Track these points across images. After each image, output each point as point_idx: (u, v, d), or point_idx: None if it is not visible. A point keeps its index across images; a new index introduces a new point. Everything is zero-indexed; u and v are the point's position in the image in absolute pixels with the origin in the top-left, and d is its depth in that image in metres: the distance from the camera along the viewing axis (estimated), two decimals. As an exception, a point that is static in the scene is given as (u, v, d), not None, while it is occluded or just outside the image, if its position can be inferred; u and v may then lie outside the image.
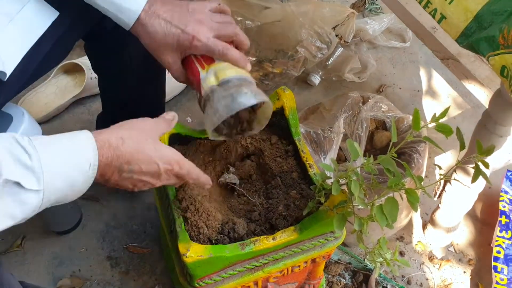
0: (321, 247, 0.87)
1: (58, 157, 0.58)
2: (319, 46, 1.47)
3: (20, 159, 0.55)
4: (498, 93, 0.93)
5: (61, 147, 0.59)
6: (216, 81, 0.75)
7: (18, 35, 0.77)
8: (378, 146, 1.26)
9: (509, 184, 1.30)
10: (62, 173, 0.58)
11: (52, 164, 0.57)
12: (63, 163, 0.58)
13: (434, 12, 0.85)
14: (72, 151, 0.60)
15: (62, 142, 0.60)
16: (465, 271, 1.25)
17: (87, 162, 0.61)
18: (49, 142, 0.59)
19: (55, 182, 0.57)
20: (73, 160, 0.59)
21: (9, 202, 0.54)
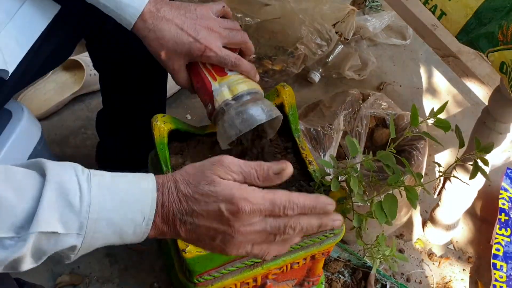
0: (320, 243, 0.87)
1: (112, 204, 0.53)
2: (319, 43, 1.46)
3: (69, 201, 0.50)
4: (497, 90, 0.93)
5: (119, 195, 0.53)
6: (230, 94, 0.76)
7: (19, 32, 0.76)
8: (378, 143, 1.26)
9: (509, 181, 1.30)
10: (112, 221, 0.53)
11: (103, 211, 0.52)
12: (115, 213, 0.53)
13: (434, 8, 0.85)
14: (128, 200, 0.53)
15: (121, 184, 0.54)
16: (465, 269, 1.25)
17: (141, 215, 0.54)
18: (109, 184, 0.53)
19: (102, 229, 0.52)
20: (126, 211, 0.53)
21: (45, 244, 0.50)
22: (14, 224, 0.48)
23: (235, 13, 1.47)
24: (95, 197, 0.51)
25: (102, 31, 0.97)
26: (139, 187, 0.55)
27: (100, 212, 0.52)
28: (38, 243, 0.50)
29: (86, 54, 1.42)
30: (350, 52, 1.59)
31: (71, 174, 0.51)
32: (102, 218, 0.52)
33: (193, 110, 1.51)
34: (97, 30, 0.96)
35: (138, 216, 0.54)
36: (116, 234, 0.54)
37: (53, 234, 0.50)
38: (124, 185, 0.54)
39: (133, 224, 0.54)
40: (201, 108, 1.52)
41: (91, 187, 0.51)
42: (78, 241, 0.51)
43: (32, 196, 0.49)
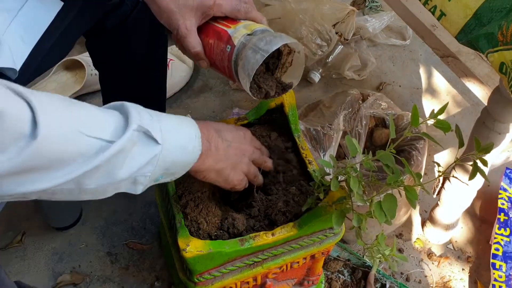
0: (320, 243, 0.88)
1: (171, 123, 0.67)
2: (319, 43, 1.47)
3: (143, 116, 0.63)
4: (497, 90, 0.93)
5: (171, 118, 0.69)
6: (248, 31, 0.74)
7: (23, 31, 0.76)
8: (377, 144, 1.27)
9: (508, 181, 1.30)
10: (176, 136, 0.67)
11: (167, 125, 0.66)
12: (174, 129, 0.67)
13: (433, 9, 0.85)
14: (180, 123, 0.70)
15: (170, 116, 0.70)
16: (464, 268, 1.26)
17: (193, 132, 0.71)
18: (159, 113, 0.68)
19: (171, 141, 0.65)
20: (182, 128, 0.69)
21: (137, 149, 0.61)
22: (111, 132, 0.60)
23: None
24: (160, 117, 0.66)
25: (102, 29, 0.97)
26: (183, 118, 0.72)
27: (167, 127, 0.66)
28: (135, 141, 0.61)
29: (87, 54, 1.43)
30: (350, 52, 1.59)
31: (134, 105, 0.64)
32: (171, 132, 0.66)
33: (193, 110, 1.52)
34: (97, 27, 0.96)
35: (192, 132, 0.70)
36: (181, 148, 0.68)
37: (146, 136, 0.62)
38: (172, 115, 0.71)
39: (190, 139, 0.70)
40: (201, 108, 1.52)
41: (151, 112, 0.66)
42: (159, 149, 0.63)
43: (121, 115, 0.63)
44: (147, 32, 1.02)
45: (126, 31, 0.93)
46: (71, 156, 0.56)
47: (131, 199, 1.30)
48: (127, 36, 1.01)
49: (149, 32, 1.03)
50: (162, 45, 1.11)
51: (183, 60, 1.57)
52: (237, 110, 1.48)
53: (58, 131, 0.54)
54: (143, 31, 1.02)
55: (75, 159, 0.56)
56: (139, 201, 1.30)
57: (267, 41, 0.71)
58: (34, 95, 0.53)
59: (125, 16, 0.97)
